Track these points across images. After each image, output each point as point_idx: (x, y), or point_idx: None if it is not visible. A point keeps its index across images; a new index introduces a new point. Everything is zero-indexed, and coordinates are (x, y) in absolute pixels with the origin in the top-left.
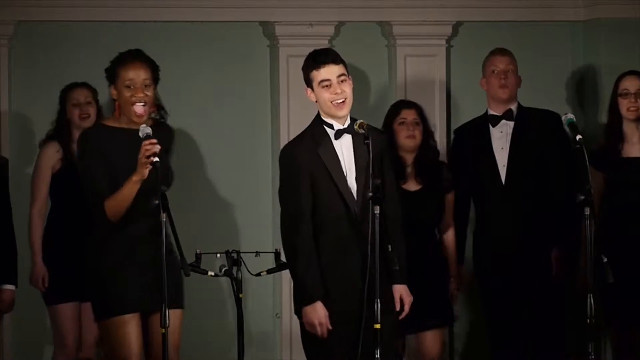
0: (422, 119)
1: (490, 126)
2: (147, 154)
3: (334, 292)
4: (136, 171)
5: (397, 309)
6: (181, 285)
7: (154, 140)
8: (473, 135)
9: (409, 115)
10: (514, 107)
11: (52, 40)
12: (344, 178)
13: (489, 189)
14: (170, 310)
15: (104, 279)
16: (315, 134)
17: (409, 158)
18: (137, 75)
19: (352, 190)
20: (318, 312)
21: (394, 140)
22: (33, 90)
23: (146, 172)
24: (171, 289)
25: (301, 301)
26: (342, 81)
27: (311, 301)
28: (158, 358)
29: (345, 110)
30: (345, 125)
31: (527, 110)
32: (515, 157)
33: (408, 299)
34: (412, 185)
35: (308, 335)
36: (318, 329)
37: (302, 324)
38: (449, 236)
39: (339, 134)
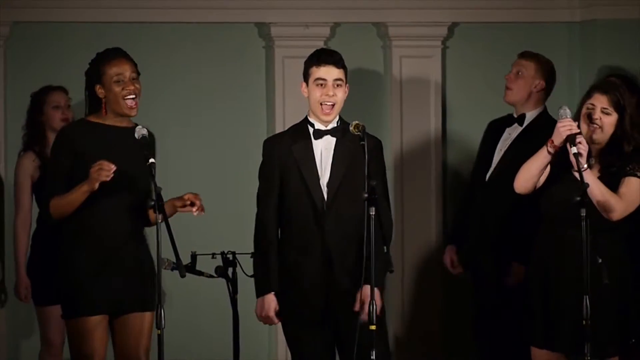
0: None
1: (507, 127)
2: (101, 176)
3: (296, 289)
4: (87, 182)
5: (357, 309)
6: (153, 289)
7: (113, 169)
8: (492, 132)
9: (598, 101)
10: (529, 113)
11: (47, 41)
12: (316, 177)
13: (478, 186)
14: (140, 313)
15: (74, 279)
16: (297, 131)
17: (594, 149)
18: (124, 69)
19: (323, 191)
20: (265, 305)
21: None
22: (29, 91)
23: (96, 185)
24: (143, 292)
25: (256, 293)
26: (337, 85)
27: (261, 294)
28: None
29: (330, 116)
30: (329, 127)
31: (543, 120)
32: (504, 160)
33: (367, 300)
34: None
35: (285, 333)
36: (266, 320)
37: (283, 324)
38: None
39: (317, 134)
